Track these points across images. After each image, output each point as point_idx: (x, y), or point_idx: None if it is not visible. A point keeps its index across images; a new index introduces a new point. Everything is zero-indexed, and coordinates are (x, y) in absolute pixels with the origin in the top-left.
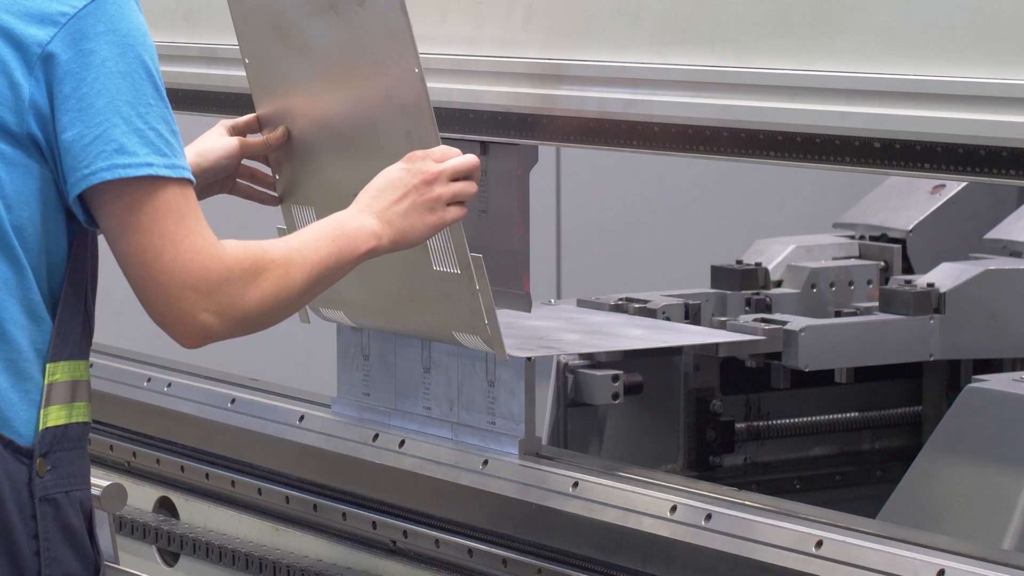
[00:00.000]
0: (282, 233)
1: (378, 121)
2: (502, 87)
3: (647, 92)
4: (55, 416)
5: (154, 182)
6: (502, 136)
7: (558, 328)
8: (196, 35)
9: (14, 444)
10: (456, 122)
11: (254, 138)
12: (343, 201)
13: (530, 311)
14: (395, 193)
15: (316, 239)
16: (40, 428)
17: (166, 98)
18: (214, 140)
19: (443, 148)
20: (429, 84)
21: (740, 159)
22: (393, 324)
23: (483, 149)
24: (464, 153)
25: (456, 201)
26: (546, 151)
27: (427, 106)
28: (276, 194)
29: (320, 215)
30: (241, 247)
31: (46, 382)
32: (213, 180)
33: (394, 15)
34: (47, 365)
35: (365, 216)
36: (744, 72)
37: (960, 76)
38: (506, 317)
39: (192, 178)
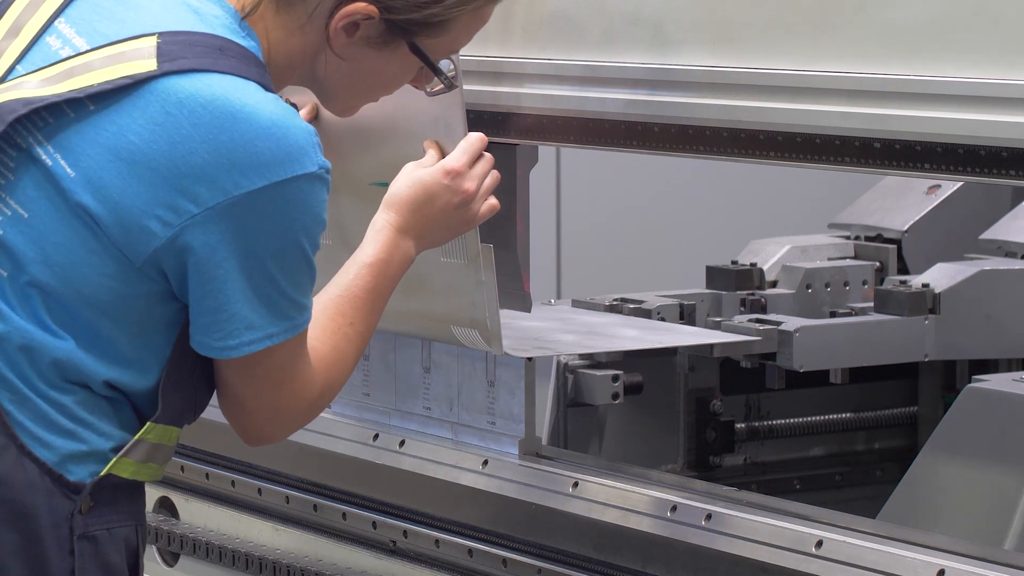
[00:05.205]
0: None
1: (406, 106)
2: (502, 87)
3: (647, 92)
4: (123, 468)
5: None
6: (502, 136)
7: (554, 329)
8: None
9: (64, 479)
10: None
11: None
12: (360, 192)
13: (530, 311)
14: (433, 210)
15: (373, 300)
16: (104, 472)
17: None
18: None
19: (483, 164)
20: None
21: (740, 159)
22: (390, 320)
23: None
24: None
25: None
26: (546, 151)
27: (459, 91)
28: None
29: (334, 206)
30: (327, 359)
31: (137, 437)
32: None
33: None
34: (148, 423)
35: (406, 241)
36: (744, 72)
37: (960, 76)
38: (503, 317)
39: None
